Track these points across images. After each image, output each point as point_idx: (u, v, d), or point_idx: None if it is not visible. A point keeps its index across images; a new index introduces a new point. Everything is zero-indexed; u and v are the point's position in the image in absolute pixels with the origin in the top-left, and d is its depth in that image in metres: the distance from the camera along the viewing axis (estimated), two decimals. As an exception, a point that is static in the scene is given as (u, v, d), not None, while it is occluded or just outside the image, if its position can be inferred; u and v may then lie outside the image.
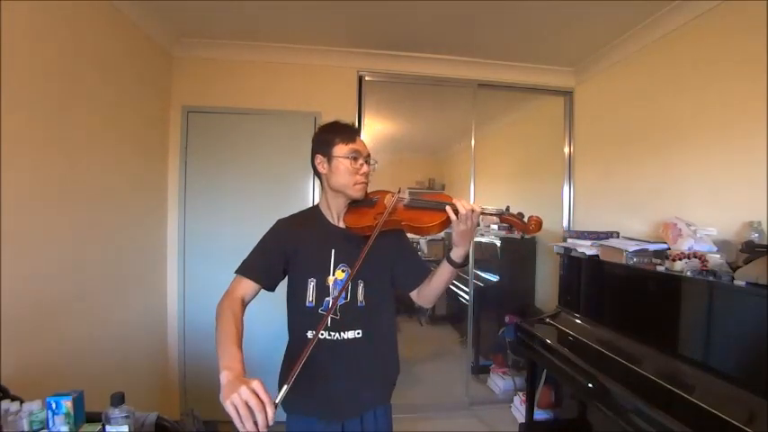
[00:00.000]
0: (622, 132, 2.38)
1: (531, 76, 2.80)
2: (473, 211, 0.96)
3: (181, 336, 2.51)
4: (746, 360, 1.28)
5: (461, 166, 3.02)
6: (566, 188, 2.92)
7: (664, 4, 1.94)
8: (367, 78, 2.68)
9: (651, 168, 2.15)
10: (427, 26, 2.25)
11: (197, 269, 2.51)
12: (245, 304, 1.02)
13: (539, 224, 0.99)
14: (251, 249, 1.11)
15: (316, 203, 1.22)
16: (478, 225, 1.02)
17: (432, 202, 1.05)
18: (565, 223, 2.91)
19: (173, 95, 2.49)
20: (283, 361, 1.16)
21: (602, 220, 2.52)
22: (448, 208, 0.98)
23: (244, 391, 0.71)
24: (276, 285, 1.10)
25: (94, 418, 0.99)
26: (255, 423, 0.69)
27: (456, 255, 1.04)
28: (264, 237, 1.13)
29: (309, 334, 1.05)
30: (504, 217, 1.02)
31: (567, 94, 2.89)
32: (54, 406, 0.96)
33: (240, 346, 0.86)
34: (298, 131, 2.59)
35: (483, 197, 2.93)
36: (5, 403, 0.99)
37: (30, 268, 1.41)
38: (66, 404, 0.97)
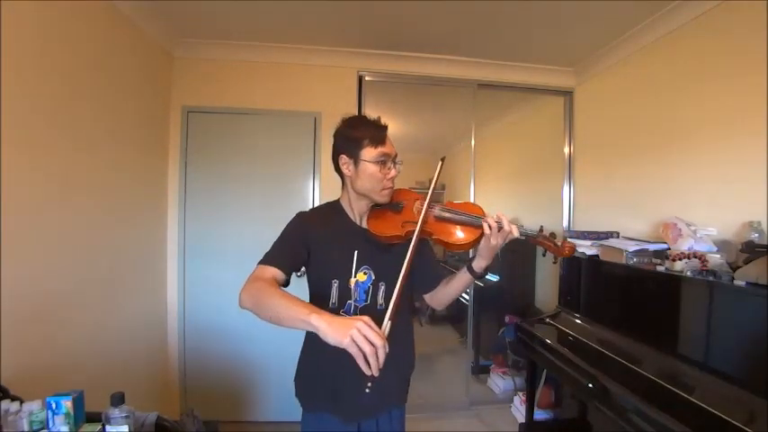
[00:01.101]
0: (622, 132, 2.38)
1: (531, 76, 2.80)
2: (510, 232, 0.95)
3: (181, 336, 2.51)
4: (746, 360, 1.28)
5: (461, 166, 3.02)
6: (566, 188, 2.92)
7: (664, 4, 1.94)
8: (367, 78, 2.68)
9: (651, 168, 2.15)
10: (427, 26, 2.25)
11: (197, 269, 2.51)
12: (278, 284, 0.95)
13: (572, 249, 0.98)
14: (273, 242, 1.05)
15: (336, 198, 1.16)
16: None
17: (465, 216, 1.00)
18: (565, 223, 2.90)
19: (173, 95, 2.49)
20: (299, 362, 1.14)
21: (602, 220, 2.52)
22: (484, 224, 0.95)
23: (362, 326, 0.70)
24: (290, 280, 1.04)
25: (94, 418, 1.00)
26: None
27: (478, 266, 1.03)
28: (287, 229, 1.08)
29: None
30: (538, 240, 1.00)
31: (567, 94, 2.89)
32: (54, 406, 0.96)
33: None
34: (298, 131, 2.60)
35: (483, 197, 2.93)
36: (5, 403, 0.99)
37: (30, 268, 1.41)
38: (66, 404, 0.97)
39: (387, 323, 0.77)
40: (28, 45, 1.38)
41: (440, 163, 1.07)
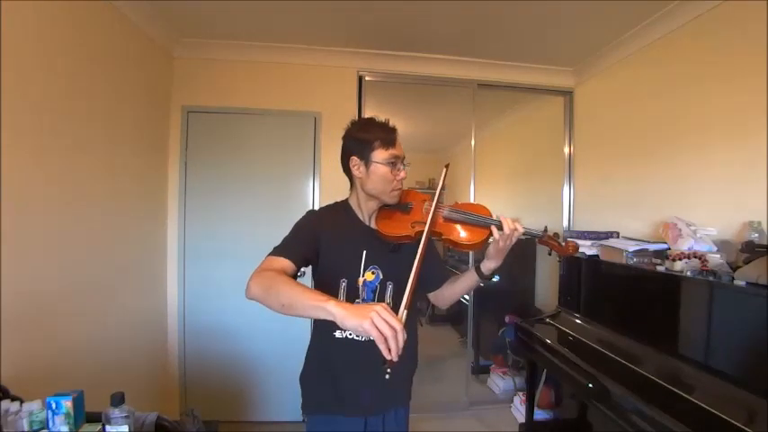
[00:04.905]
0: (622, 132, 2.38)
1: (531, 76, 2.80)
2: (516, 230, 0.98)
3: (181, 336, 2.51)
4: (746, 360, 1.28)
5: (461, 166, 3.02)
6: (566, 188, 2.92)
7: (664, 4, 1.94)
8: (367, 78, 2.68)
9: (651, 168, 2.15)
10: (427, 26, 2.25)
11: (197, 269, 2.51)
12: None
13: (576, 248, 1.06)
14: (283, 237, 1.05)
15: (345, 198, 1.17)
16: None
17: (474, 217, 1.03)
18: (565, 223, 2.91)
19: (173, 95, 2.48)
20: (306, 360, 1.15)
21: (602, 220, 2.52)
22: (493, 228, 0.99)
23: (381, 310, 0.69)
24: (297, 274, 1.02)
25: (94, 418, 1.00)
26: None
27: (487, 268, 1.05)
28: (299, 223, 1.09)
29: (338, 333, 1.04)
30: (543, 239, 1.05)
31: (567, 94, 2.89)
32: (54, 406, 0.96)
33: None
34: (298, 131, 2.60)
35: (483, 197, 2.93)
36: (5, 403, 0.99)
37: (30, 268, 1.41)
38: (67, 404, 0.97)
39: (403, 311, 0.76)
40: (27, 45, 1.38)
41: (444, 170, 1.11)
